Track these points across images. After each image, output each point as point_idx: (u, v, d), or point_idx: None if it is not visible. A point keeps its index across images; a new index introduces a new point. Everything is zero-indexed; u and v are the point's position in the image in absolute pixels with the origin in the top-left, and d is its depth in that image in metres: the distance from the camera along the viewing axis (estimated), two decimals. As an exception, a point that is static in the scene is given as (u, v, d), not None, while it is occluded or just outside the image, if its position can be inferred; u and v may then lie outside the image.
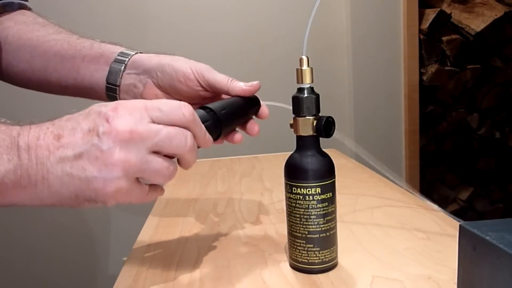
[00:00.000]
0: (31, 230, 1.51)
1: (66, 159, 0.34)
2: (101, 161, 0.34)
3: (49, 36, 0.56)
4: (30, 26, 0.58)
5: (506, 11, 1.70)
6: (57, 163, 0.34)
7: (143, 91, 0.52)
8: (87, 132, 0.35)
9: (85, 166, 0.34)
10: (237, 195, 0.75)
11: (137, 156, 0.35)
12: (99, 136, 0.34)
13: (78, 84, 0.54)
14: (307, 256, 0.43)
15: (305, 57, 0.42)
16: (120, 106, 0.36)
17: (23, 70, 0.57)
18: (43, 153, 0.34)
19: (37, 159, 0.34)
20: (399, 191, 0.72)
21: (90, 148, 0.34)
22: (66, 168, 0.34)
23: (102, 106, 0.36)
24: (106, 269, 1.59)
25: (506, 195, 1.90)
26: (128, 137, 0.34)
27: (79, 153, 0.34)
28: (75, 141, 0.34)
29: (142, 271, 0.48)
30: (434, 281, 0.42)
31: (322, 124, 0.42)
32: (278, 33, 1.53)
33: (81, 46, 0.54)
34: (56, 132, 0.35)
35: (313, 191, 0.42)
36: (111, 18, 1.45)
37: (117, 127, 0.34)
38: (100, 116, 0.35)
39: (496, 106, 1.81)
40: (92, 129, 0.35)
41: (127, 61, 0.52)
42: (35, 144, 0.34)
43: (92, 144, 0.34)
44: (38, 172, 0.34)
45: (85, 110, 0.37)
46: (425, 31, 1.64)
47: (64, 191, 0.35)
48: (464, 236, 0.30)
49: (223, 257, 0.50)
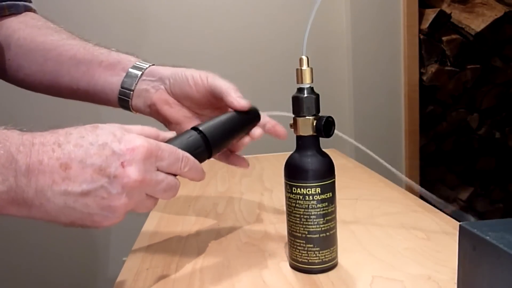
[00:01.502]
0: (31, 230, 1.51)
1: (72, 194, 0.33)
2: (106, 202, 0.34)
3: (63, 41, 0.56)
4: (42, 30, 0.58)
5: (506, 11, 1.70)
6: (60, 195, 0.33)
7: (154, 96, 0.52)
8: (98, 170, 0.34)
9: (89, 204, 0.34)
10: (237, 195, 0.75)
11: (138, 199, 0.37)
12: (109, 178, 0.34)
13: (91, 87, 0.55)
14: (307, 256, 0.43)
15: (305, 57, 0.42)
16: (143, 145, 0.35)
17: (34, 72, 0.57)
18: (45, 181, 0.33)
19: (37, 186, 0.33)
20: (399, 191, 0.72)
21: (98, 189, 0.34)
22: (69, 202, 0.34)
23: (117, 142, 0.35)
24: (106, 269, 1.59)
25: (506, 195, 1.90)
26: (138, 186, 0.35)
27: (86, 191, 0.34)
28: (83, 177, 0.33)
29: (142, 271, 0.48)
30: (434, 281, 0.42)
31: (322, 124, 0.42)
32: (278, 33, 1.53)
33: (99, 52, 0.55)
34: (63, 160, 0.33)
35: (313, 191, 0.42)
36: (111, 18, 1.45)
37: (130, 175, 0.34)
38: (114, 156, 0.34)
39: (496, 106, 1.81)
40: (103, 169, 0.34)
41: (145, 69, 0.53)
42: (37, 168, 0.33)
43: (102, 186, 0.34)
44: (36, 199, 0.33)
45: (98, 138, 0.35)
46: (425, 31, 1.64)
47: (61, 218, 0.35)
48: (464, 236, 0.30)
49: (223, 257, 0.50)
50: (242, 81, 0.50)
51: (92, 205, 0.34)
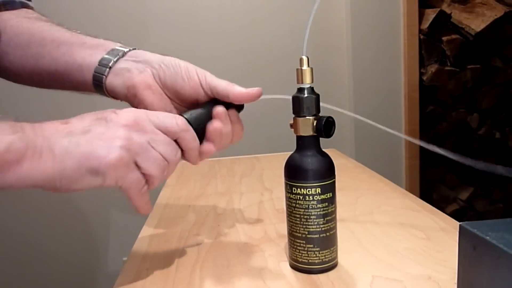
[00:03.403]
0: (31, 230, 1.51)
1: (74, 133, 0.38)
2: (106, 135, 0.38)
3: (50, 27, 0.55)
4: (32, 20, 0.57)
5: (506, 11, 1.70)
6: (63, 137, 0.37)
7: (137, 77, 0.48)
8: (95, 119, 0.39)
9: (91, 139, 0.38)
10: (237, 195, 0.75)
11: (138, 139, 0.39)
12: (106, 121, 0.39)
13: (68, 67, 0.51)
14: (307, 256, 0.43)
15: (305, 57, 0.42)
16: (124, 110, 0.41)
17: (18, 57, 0.55)
18: (49, 130, 0.38)
19: (44, 134, 0.37)
20: (399, 191, 0.72)
21: (97, 127, 0.39)
22: (73, 140, 0.37)
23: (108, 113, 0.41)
24: (106, 269, 1.59)
25: (506, 195, 1.90)
26: (132, 123, 0.39)
27: (87, 129, 0.38)
28: (83, 124, 0.39)
29: (142, 271, 0.48)
30: (434, 281, 0.42)
31: (322, 124, 0.42)
32: (278, 33, 1.53)
33: (83, 36, 0.54)
34: (63, 120, 0.39)
35: (313, 191, 0.42)
36: (111, 18, 1.45)
37: (123, 115, 0.40)
38: (107, 112, 0.40)
39: (496, 106, 1.81)
40: (99, 118, 0.39)
41: (127, 50, 0.50)
42: (40, 126, 0.38)
43: (100, 125, 0.39)
44: (44, 143, 0.37)
45: (93, 115, 0.41)
46: (425, 31, 1.64)
47: (68, 161, 0.37)
48: (464, 236, 0.30)
49: (223, 257, 0.50)
50: (242, 81, 0.50)
51: (94, 140, 0.38)
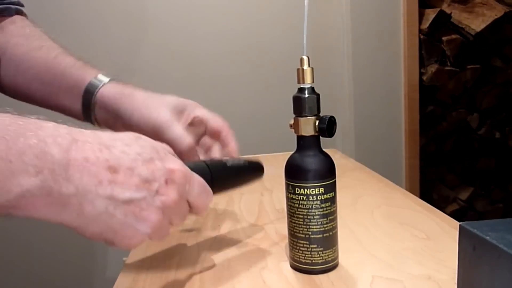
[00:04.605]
0: (30, 230, 1.51)
1: (116, 199, 0.32)
2: (145, 214, 0.33)
3: (29, 54, 0.57)
4: (15, 38, 0.59)
5: (506, 11, 1.70)
6: (103, 198, 0.31)
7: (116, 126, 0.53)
8: (144, 182, 0.33)
9: (128, 213, 0.33)
10: (237, 195, 0.75)
11: (168, 220, 0.36)
12: (153, 192, 0.34)
13: (60, 109, 0.57)
14: (311, 256, 0.43)
15: (305, 57, 0.42)
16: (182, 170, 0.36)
17: (9, 84, 0.59)
18: (91, 180, 0.31)
19: (80, 184, 0.30)
20: (399, 191, 0.72)
21: (141, 199, 0.33)
22: (110, 208, 0.32)
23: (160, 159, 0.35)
24: (106, 269, 1.59)
25: (506, 195, 1.90)
26: (172, 207, 0.35)
27: (130, 199, 0.32)
28: (129, 185, 0.32)
29: (142, 271, 0.48)
30: (434, 281, 0.42)
31: (325, 124, 0.42)
32: (278, 33, 1.53)
33: (57, 70, 0.56)
34: (112, 163, 0.32)
35: (316, 191, 0.42)
36: (111, 18, 1.45)
37: (170, 193, 0.35)
38: (159, 172, 0.34)
39: (496, 106, 1.81)
40: (149, 181, 0.34)
41: (93, 99, 0.54)
42: (81, 165, 0.30)
43: (144, 197, 0.33)
44: (75, 197, 0.30)
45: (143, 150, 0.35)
46: (425, 31, 1.64)
47: (92, 226, 0.32)
48: (464, 236, 0.30)
49: (223, 257, 0.50)
50: (242, 81, 0.50)
51: (131, 215, 0.33)
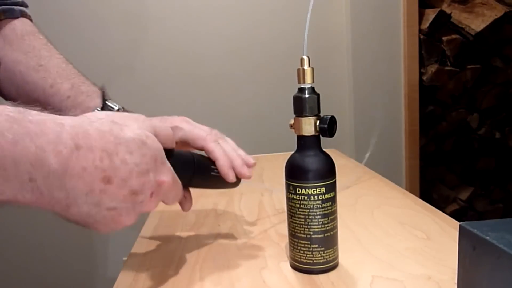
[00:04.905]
0: (30, 230, 1.51)
1: (101, 206, 0.34)
2: (121, 219, 0.36)
3: (27, 77, 0.58)
4: (15, 53, 0.59)
5: (506, 11, 1.70)
6: (89, 204, 0.33)
7: None
8: (131, 194, 0.35)
9: (108, 217, 0.35)
10: (237, 195, 0.75)
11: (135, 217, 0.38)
12: (136, 203, 0.36)
13: None
14: (312, 256, 0.43)
15: (306, 57, 0.42)
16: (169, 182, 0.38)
17: (12, 99, 0.60)
18: (82, 188, 0.32)
19: (71, 190, 0.32)
20: (399, 191, 0.72)
21: (123, 208, 0.35)
22: (93, 211, 0.34)
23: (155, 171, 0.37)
24: (106, 269, 1.59)
25: (506, 195, 1.90)
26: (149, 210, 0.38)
27: (113, 207, 0.34)
28: (117, 196, 0.34)
29: (142, 271, 0.48)
30: (434, 281, 0.42)
31: (326, 124, 0.42)
32: (278, 33, 1.53)
33: (55, 104, 0.57)
34: (108, 173, 0.33)
35: (317, 191, 0.42)
36: (111, 18, 1.45)
37: (150, 206, 0.38)
38: (148, 184, 0.36)
39: (496, 106, 1.81)
40: (136, 193, 0.35)
41: None
42: (77, 174, 0.31)
43: (127, 207, 0.35)
44: (63, 200, 0.32)
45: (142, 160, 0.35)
46: (425, 31, 1.64)
47: (71, 214, 0.34)
48: (464, 236, 0.30)
49: (223, 257, 0.50)
50: (242, 81, 0.50)
51: (109, 219, 0.35)
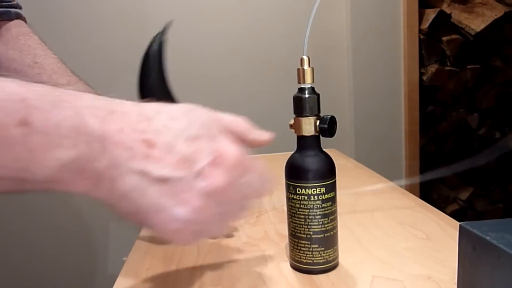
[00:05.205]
0: (30, 230, 1.51)
1: (149, 175, 0.28)
2: (181, 197, 0.29)
3: (23, 74, 0.57)
4: (10, 51, 0.59)
5: (506, 11, 1.70)
6: (134, 173, 0.28)
7: None
8: (184, 161, 0.29)
9: (162, 193, 0.29)
10: (237, 195, 0.75)
11: (213, 211, 0.31)
12: (194, 173, 0.29)
13: None
14: (312, 256, 0.43)
15: (306, 57, 0.42)
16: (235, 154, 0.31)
17: None
18: (122, 153, 0.28)
19: (112, 157, 0.27)
20: (399, 191, 0.72)
21: (178, 180, 0.29)
22: (142, 185, 0.28)
23: (210, 139, 0.30)
24: (105, 269, 1.59)
25: (506, 195, 1.90)
26: (219, 194, 0.30)
27: (165, 178, 0.28)
28: (166, 162, 0.29)
29: (142, 271, 0.48)
30: (434, 281, 0.42)
31: (327, 124, 0.42)
32: (278, 33, 1.53)
33: None
34: (148, 136, 0.28)
35: (318, 191, 0.42)
36: (111, 18, 1.45)
37: (216, 176, 0.30)
38: (204, 152, 0.30)
39: (496, 106, 1.81)
40: (190, 161, 0.29)
41: None
42: (114, 136, 0.27)
43: (183, 178, 0.29)
44: (107, 171, 0.28)
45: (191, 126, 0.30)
46: (425, 31, 1.64)
47: (123, 204, 0.29)
48: (464, 236, 0.30)
49: (223, 257, 0.50)
50: (242, 81, 0.50)
51: (165, 197, 0.29)
